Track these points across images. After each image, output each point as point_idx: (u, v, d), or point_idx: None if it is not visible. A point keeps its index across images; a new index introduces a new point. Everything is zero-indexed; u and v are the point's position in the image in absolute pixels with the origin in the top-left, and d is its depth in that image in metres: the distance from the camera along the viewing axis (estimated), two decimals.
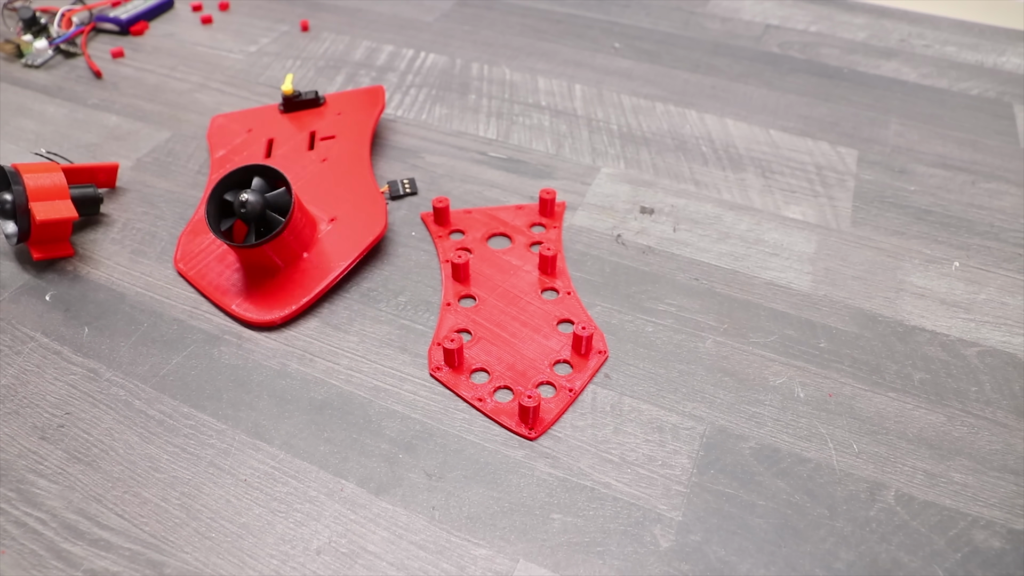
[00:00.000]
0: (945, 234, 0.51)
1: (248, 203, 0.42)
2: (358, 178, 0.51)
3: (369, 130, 0.55)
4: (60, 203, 0.46)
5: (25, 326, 0.44)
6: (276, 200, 0.43)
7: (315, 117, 0.58)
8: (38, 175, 0.46)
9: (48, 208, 0.45)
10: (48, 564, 0.33)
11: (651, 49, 0.72)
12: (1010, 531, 0.34)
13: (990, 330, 0.44)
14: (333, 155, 0.53)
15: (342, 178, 0.51)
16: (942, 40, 0.75)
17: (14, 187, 0.45)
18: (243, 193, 0.42)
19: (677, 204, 0.53)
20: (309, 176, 0.51)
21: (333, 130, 0.55)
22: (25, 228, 0.46)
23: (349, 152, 0.53)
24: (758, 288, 0.46)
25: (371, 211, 0.48)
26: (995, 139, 0.61)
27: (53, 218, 0.45)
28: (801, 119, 0.62)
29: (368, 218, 0.48)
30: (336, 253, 0.46)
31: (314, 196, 0.50)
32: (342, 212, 0.48)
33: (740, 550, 0.34)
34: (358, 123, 0.56)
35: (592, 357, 0.41)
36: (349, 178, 0.51)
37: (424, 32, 0.74)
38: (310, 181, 0.51)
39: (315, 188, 0.50)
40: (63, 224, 0.46)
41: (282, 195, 0.43)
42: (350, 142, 0.54)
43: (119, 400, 0.40)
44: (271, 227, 0.43)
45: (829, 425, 0.39)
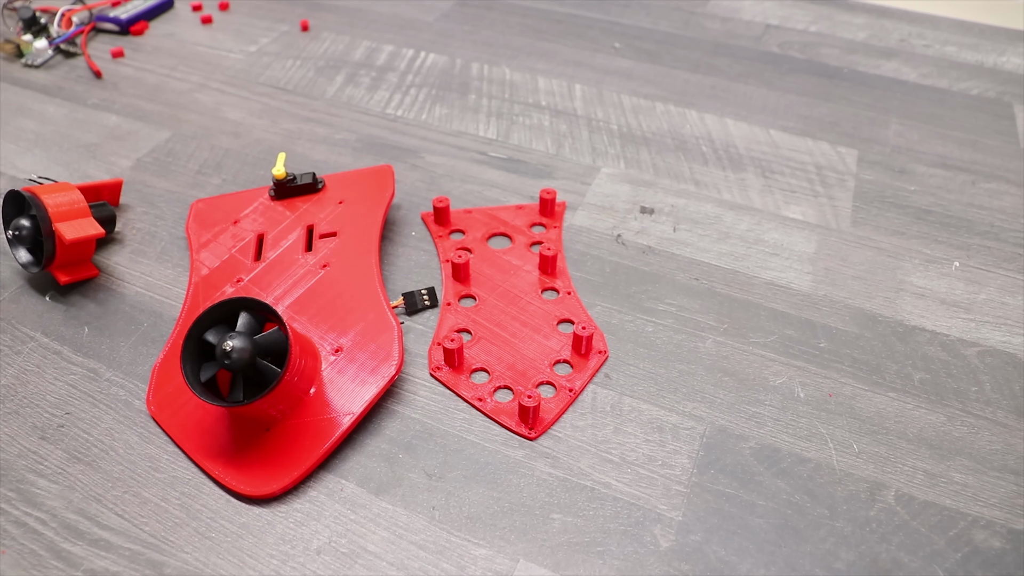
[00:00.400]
0: (945, 234, 0.51)
1: (234, 352, 0.34)
2: (366, 294, 0.42)
3: (378, 226, 0.46)
4: (84, 221, 0.44)
5: (25, 326, 0.44)
6: (268, 343, 0.36)
7: (313, 205, 0.49)
8: (56, 195, 0.44)
9: (75, 227, 0.43)
10: (48, 564, 0.33)
11: (651, 49, 0.72)
12: (1010, 531, 0.34)
13: (990, 330, 0.44)
14: (336, 260, 0.45)
15: (347, 293, 0.43)
16: (942, 40, 0.75)
17: (35, 211, 0.43)
18: (228, 340, 0.35)
19: (677, 204, 0.53)
20: (308, 289, 0.43)
21: (335, 224, 0.47)
22: (50, 252, 0.43)
23: (355, 256, 0.45)
24: (758, 288, 0.46)
25: (381, 340, 0.40)
26: (995, 139, 0.61)
27: (82, 237, 0.43)
28: (801, 119, 0.62)
29: (379, 350, 0.39)
30: (344, 396, 0.38)
31: (315, 316, 0.42)
32: (349, 341, 0.40)
33: (740, 550, 0.34)
34: (364, 216, 0.47)
35: (592, 357, 0.41)
36: (356, 294, 0.43)
37: (424, 32, 0.74)
38: (310, 294, 0.43)
39: (316, 305, 0.43)
40: (89, 243, 0.44)
41: (276, 336, 0.36)
42: (356, 242, 0.46)
43: (119, 400, 0.40)
44: (263, 376, 0.36)
45: (829, 425, 0.39)
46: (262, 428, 0.37)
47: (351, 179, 0.51)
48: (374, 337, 0.40)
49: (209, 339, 0.36)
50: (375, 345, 0.40)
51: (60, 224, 0.43)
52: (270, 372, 0.35)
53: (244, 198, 0.51)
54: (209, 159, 0.57)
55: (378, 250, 0.45)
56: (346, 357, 0.39)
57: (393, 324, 0.40)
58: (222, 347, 0.34)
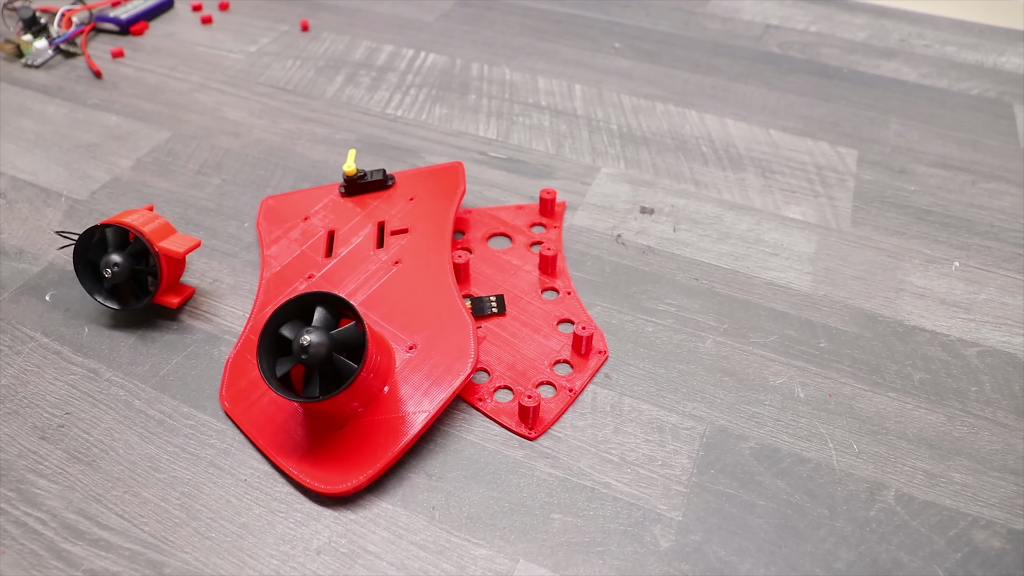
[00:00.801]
0: (945, 234, 0.51)
1: (311, 347, 0.34)
2: (440, 291, 0.42)
3: (450, 223, 0.46)
4: (176, 236, 0.43)
5: (25, 326, 0.44)
6: (345, 338, 0.35)
7: (383, 202, 0.49)
8: (134, 216, 0.42)
9: (176, 242, 0.42)
10: (48, 564, 0.33)
11: (651, 49, 0.72)
12: (1010, 531, 0.34)
13: (990, 330, 0.44)
14: (408, 257, 0.44)
15: (420, 290, 0.42)
16: (942, 40, 0.75)
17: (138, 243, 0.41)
18: (304, 334, 0.34)
19: (677, 204, 0.53)
20: (381, 285, 0.43)
21: (406, 220, 0.47)
22: (157, 276, 0.42)
23: (427, 253, 0.44)
24: (758, 288, 0.46)
25: (456, 338, 0.39)
26: (995, 139, 0.61)
27: (190, 247, 0.42)
28: (801, 119, 0.62)
29: (454, 347, 0.39)
30: (418, 394, 0.37)
31: (389, 313, 0.41)
32: (423, 339, 0.40)
33: (740, 550, 0.34)
34: (435, 213, 0.47)
35: (592, 357, 0.41)
36: (428, 291, 0.42)
37: (424, 32, 0.74)
38: (383, 291, 0.43)
39: (389, 302, 0.42)
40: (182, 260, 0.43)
41: (352, 332, 0.36)
42: (427, 239, 0.45)
43: (119, 400, 0.40)
44: (340, 371, 0.35)
45: (829, 425, 0.39)
46: (336, 425, 0.37)
47: (421, 176, 0.51)
48: (449, 334, 0.40)
49: (285, 334, 0.36)
50: (449, 342, 0.39)
51: (162, 243, 0.41)
52: (346, 368, 0.35)
53: (314, 195, 0.51)
54: (209, 159, 0.57)
55: (451, 247, 0.44)
56: (421, 354, 0.39)
57: (468, 321, 0.40)
58: (299, 342, 0.34)
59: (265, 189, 0.54)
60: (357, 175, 0.49)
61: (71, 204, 0.52)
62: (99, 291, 0.43)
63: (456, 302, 0.41)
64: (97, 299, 0.43)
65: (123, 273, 0.42)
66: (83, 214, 0.51)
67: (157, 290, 0.42)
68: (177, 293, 0.44)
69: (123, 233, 0.42)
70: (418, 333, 0.40)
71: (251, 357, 0.40)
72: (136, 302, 0.43)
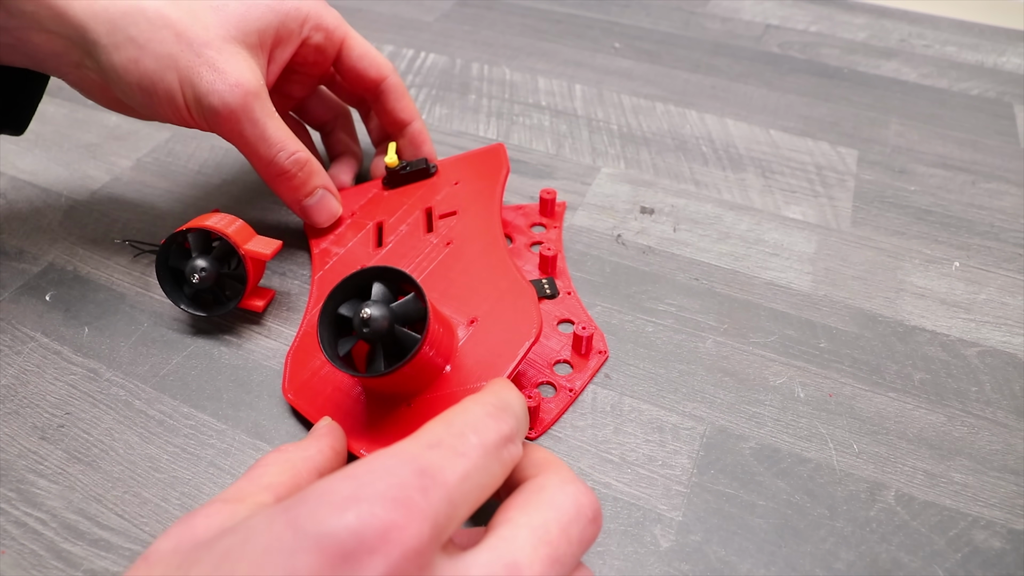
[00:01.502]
0: (945, 234, 0.51)
1: (372, 320, 0.33)
2: (495, 263, 0.41)
3: (497, 200, 0.45)
4: (258, 238, 0.42)
5: (25, 326, 0.44)
6: (405, 311, 0.34)
7: (428, 190, 0.48)
8: (215, 219, 0.41)
9: (261, 243, 0.41)
10: (48, 564, 0.33)
11: (651, 49, 0.72)
12: (1010, 531, 0.34)
13: (990, 330, 0.44)
14: (459, 236, 0.44)
15: (475, 265, 0.41)
16: (942, 40, 0.75)
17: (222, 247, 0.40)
18: (364, 308, 0.33)
19: (677, 204, 0.53)
20: (435, 265, 0.42)
21: (453, 204, 0.46)
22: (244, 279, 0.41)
23: (478, 230, 0.44)
24: (758, 288, 0.46)
25: (518, 306, 0.38)
26: (995, 139, 0.61)
27: (275, 249, 0.41)
28: (801, 119, 0.62)
29: (516, 315, 0.38)
30: (483, 367, 0.36)
31: (446, 291, 0.41)
32: (483, 311, 0.39)
33: (740, 550, 0.34)
34: (482, 192, 0.46)
35: (592, 357, 0.41)
36: (484, 264, 0.41)
37: (424, 32, 0.74)
38: (437, 272, 0.42)
39: (445, 280, 0.41)
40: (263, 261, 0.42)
41: (412, 304, 0.35)
42: (477, 218, 0.44)
43: (119, 400, 0.40)
44: (402, 345, 0.34)
45: (829, 425, 0.39)
46: (402, 403, 0.36)
47: (463, 160, 0.50)
48: (510, 303, 0.38)
49: (344, 312, 0.35)
50: (512, 311, 0.38)
51: (248, 245, 0.41)
52: (409, 339, 0.34)
53: (358, 191, 0.51)
54: (209, 159, 0.57)
55: (500, 222, 0.44)
56: (482, 326, 0.38)
57: (528, 288, 0.39)
58: (359, 316, 0.33)
59: (265, 189, 0.54)
60: (399, 166, 0.49)
61: (71, 204, 0.52)
62: (182, 299, 0.42)
63: (514, 271, 0.40)
64: (182, 307, 0.42)
65: (210, 278, 0.40)
66: (83, 214, 0.51)
67: (243, 294, 0.41)
68: (261, 296, 0.44)
69: (206, 237, 0.41)
70: (478, 307, 0.39)
71: (311, 351, 0.40)
72: (220, 308, 0.42)
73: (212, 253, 0.41)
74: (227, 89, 0.40)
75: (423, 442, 0.24)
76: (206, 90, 0.40)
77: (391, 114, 0.50)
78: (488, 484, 0.24)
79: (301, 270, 0.47)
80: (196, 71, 0.40)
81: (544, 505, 0.25)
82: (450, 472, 0.23)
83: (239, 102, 0.40)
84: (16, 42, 0.40)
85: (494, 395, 0.28)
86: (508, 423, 0.26)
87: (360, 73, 0.48)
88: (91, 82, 0.42)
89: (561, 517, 0.25)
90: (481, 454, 0.24)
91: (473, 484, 0.24)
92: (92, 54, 0.40)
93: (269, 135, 0.42)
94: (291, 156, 0.43)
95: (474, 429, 0.25)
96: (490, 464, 0.24)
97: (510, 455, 0.26)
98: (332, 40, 0.47)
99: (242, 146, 0.42)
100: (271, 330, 0.43)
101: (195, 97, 0.40)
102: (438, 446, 0.24)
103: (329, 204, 0.46)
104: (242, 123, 0.41)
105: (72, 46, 0.40)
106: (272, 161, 0.43)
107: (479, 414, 0.26)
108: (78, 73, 0.42)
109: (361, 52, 0.48)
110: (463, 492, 0.23)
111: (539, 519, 0.24)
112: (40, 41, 0.40)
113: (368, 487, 0.22)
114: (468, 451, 0.24)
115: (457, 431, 0.25)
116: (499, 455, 0.25)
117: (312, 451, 0.30)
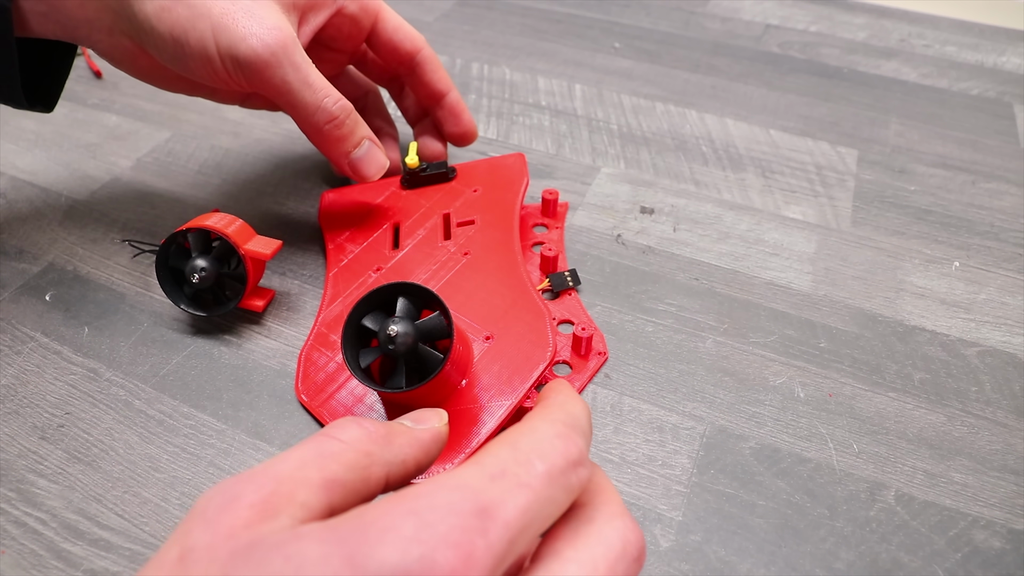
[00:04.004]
0: (945, 234, 0.51)
1: (398, 337, 0.34)
2: (512, 280, 0.41)
3: (515, 212, 0.45)
4: (258, 238, 0.42)
5: (25, 326, 0.44)
6: (430, 329, 0.35)
7: (447, 194, 0.48)
8: (214, 219, 0.41)
9: (261, 244, 0.41)
10: (48, 564, 0.33)
11: (651, 49, 0.72)
12: (1010, 531, 0.34)
13: (990, 330, 0.44)
14: (476, 247, 0.44)
15: (492, 279, 0.42)
16: (942, 40, 0.75)
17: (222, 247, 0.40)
18: (391, 324, 0.34)
19: (677, 204, 0.53)
20: (452, 276, 0.43)
21: (472, 212, 0.46)
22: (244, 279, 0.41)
23: (496, 243, 0.44)
24: (758, 288, 0.46)
25: (534, 327, 0.39)
26: (995, 139, 0.61)
27: (275, 249, 0.41)
28: (801, 119, 0.62)
29: (531, 336, 0.38)
30: (497, 384, 0.37)
31: (464, 304, 0.41)
32: (499, 328, 0.39)
33: (740, 550, 0.34)
34: (500, 203, 0.46)
35: (592, 359, 0.41)
36: (501, 280, 0.41)
37: (424, 32, 0.74)
38: (454, 282, 0.42)
39: (462, 293, 0.41)
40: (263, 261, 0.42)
41: (437, 322, 0.35)
42: (494, 229, 0.45)
43: (119, 400, 0.40)
44: (424, 362, 0.35)
45: (829, 425, 0.39)
46: None
47: (483, 167, 0.50)
48: (525, 324, 0.39)
49: (368, 325, 0.35)
50: (526, 332, 0.39)
51: (248, 245, 0.41)
52: (432, 358, 0.34)
53: (375, 188, 0.50)
54: (209, 159, 0.57)
55: (517, 236, 0.44)
56: (497, 344, 0.38)
57: (543, 310, 0.39)
58: (386, 332, 0.34)
59: (265, 189, 0.54)
60: (419, 168, 0.49)
61: (71, 204, 0.52)
62: (182, 299, 0.42)
63: (530, 291, 0.41)
64: (182, 307, 0.42)
65: (210, 278, 0.40)
66: (83, 214, 0.51)
67: (243, 294, 0.41)
68: (261, 296, 0.43)
69: (206, 237, 0.41)
70: (494, 325, 0.39)
71: (325, 351, 0.40)
72: (220, 308, 0.42)
73: (212, 253, 0.41)
74: (266, 31, 0.38)
75: (486, 472, 0.22)
76: (243, 34, 0.38)
77: (428, 86, 0.49)
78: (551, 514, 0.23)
79: (301, 270, 0.47)
80: (231, 16, 0.38)
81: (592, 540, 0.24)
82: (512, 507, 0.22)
83: (279, 44, 0.38)
84: (49, 9, 0.39)
85: (562, 410, 0.26)
86: (577, 444, 0.24)
87: (396, 46, 0.47)
88: (123, 49, 0.41)
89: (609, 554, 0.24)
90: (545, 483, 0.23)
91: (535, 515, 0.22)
92: (125, 11, 0.39)
93: (313, 80, 0.40)
94: (337, 102, 0.41)
95: (540, 454, 0.23)
96: (555, 493, 0.23)
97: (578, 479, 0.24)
98: (367, 11, 0.46)
99: (284, 94, 0.40)
100: (271, 330, 0.43)
101: (230, 44, 0.38)
102: (501, 477, 0.22)
103: (377, 155, 0.44)
104: (284, 67, 0.39)
105: (104, 10, 0.40)
106: (320, 107, 0.41)
107: (547, 435, 0.24)
108: (110, 40, 0.41)
109: (396, 24, 0.47)
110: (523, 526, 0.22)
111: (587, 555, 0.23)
112: (72, 7, 0.39)
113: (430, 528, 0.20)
114: (532, 481, 0.22)
115: (523, 456, 0.23)
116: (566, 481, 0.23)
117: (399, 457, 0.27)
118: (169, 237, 0.41)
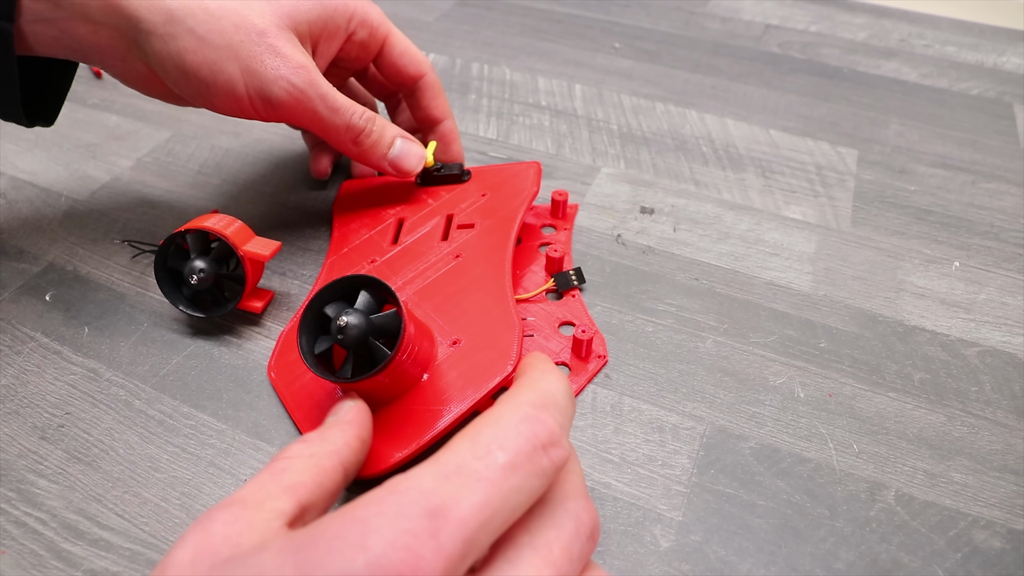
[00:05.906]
0: (945, 234, 0.51)
1: (348, 328, 0.34)
2: (494, 290, 0.41)
3: (515, 222, 0.45)
4: (256, 239, 0.42)
5: (25, 326, 0.44)
6: (384, 325, 0.35)
7: (456, 196, 0.48)
8: (213, 220, 0.41)
9: (260, 244, 0.41)
10: (48, 564, 0.33)
11: (651, 49, 0.72)
12: (1010, 531, 0.34)
13: (990, 330, 0.44)
14: (468, 251, 0.44)
15: (475, 286, 0.41)
16: (942, 40, 0.75)
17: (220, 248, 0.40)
18: (344, 315, 0.34)
19: (677, 204, 0.53)
20: (438, 277, 0.43)
21: (474, 216, 0.46)
22: (242, 280, 0.41)
23: (488, 250, 0.43)
24: (758, 288, 0.46)
25: (499, 341, 0.38)
26: (995, 139, 0.61)
27: (274, 250, 0.41)
28: (801, 119, 0.62)
29: (495, 351, 0.38)
30: (455, 389, 0.36)
31: (441, 306, 0.41)
32: (467, 335, 0.39)
33: (740, 550, 0.34)
34: (503, 210, 0.46)
35: (592, 361, 0.41)
36: (483, 287, 0.41)
37: (424, 32, 0.74)
38: (438, 283, 0.42)
39: (442, 295, 0.41)
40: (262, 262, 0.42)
41: (392, 319, 0.35)
42: (491, 236, 0.44)
43: (119, 400, 0.40)
44: (374, 356, 0.35)
45: (829, 425, 0.39)
46: (378, 404, 0.36)
47: (496, 172, 0.50)
48: (494, 335, 0.38)
49: (328, 313, 0.36)
50: (493, 343, 0.38)
51: (247, 246, 0.41)
52: (381, 353, 0.35)
53: (391, 182, 0.51)
54: (209, 159, 0.57)
55: (512, 246, 0.44)
56: (462, 351, 0.38)
57: (516, 324, 0.39)
58: (337, 322, 0.34)
59: (265, 189, 0.54)
60: (434, 167, 0.49)
61: (71, 204, 0.52)
62: (181, 300, 0.42)
63: (508, 303, 0.40)
64: (181, 308, 0.42)
65: (209, 279, 0.40)
66: (83, 214, 0.51)
67: (242, 295, 0.41)
68: (259, 297, 0.44)
69: (204, 238, 0.41)
70: (464, 330, 0.39)
71: None
72: (219, 309, 0.42)
73: (211, 254, 0.41)
74: (293, 72, 0.40)
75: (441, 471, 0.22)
76: (272, 76, 0.40)
77: (425, 110, 0.50)
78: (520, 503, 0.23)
79: (300, 270, 0.47)
80: (259, 59, 0.39)
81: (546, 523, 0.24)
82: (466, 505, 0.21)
83: (308, 83, 0.40)
84: (60, 34, 0.39)
85: (532, 389, 0.25)
86: (546, 425, 0.24)
87: (400, 69, 0.48)
88: (136, 73, 0.42)
89: (562, 535, 0.24)
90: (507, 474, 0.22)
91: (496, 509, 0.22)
92: (143, 45, 0.39)
93: (339, 104, 0.42)
94: (363, 115, 0.43)
95: (501, 444, 0.23)
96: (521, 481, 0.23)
97: (551, 461, 0.23)
98: (376, 37, 0.47)
99: (316, 123, 0.42)
100: (271, 330, 0.43)
101: (260, 86, 0.40)
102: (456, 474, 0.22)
103: (413, 148, 0.46)
104: (313, 101, 0.41)
105: (119, 38, 0.40)
106: (350, 125, 0.43)
107: (511, 421, 0.24)
108: (124, 65, 0.41)
109: (403, 49, 0.48)
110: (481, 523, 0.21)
111: (541, 539, 0.24)
112: (85, 33, 0.39)
113: (376, 534, 0.20)
114: (491, 474, 0.22)
115: (483, 449, 0.23)
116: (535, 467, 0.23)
117: (339, 443, 0.29)
118: (168, 238, 0.41)
